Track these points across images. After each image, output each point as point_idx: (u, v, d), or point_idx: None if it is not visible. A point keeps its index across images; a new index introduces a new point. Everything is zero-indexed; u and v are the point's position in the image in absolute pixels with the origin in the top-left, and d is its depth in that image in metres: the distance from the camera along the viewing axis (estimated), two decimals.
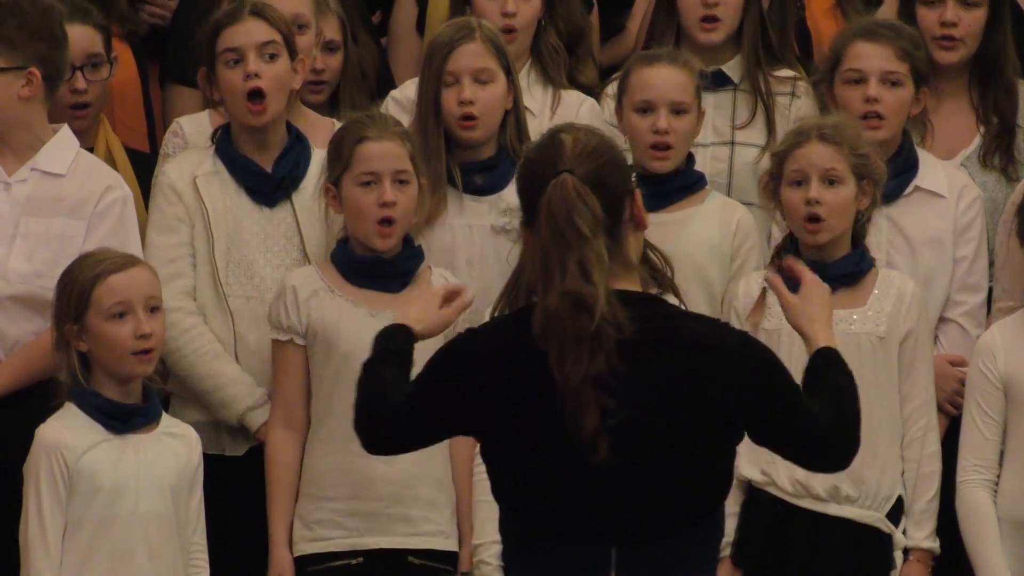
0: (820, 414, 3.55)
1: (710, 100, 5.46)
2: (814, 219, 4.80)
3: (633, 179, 3.55)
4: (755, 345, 3.60)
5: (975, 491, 4.90)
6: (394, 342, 3.70)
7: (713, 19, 5.46)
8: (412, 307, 3.84)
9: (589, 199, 3.38)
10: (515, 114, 5.14)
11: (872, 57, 5.22)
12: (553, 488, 3.47)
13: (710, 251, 5.16)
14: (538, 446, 3.50)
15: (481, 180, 5.17)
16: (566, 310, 3.40)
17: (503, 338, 3.64)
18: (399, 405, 3.60)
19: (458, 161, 5.11)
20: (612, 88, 5.42)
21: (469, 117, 5.04)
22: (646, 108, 5.15)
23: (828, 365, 3.70)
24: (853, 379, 3.66)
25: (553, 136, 3.54)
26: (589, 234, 3.36)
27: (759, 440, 3.58)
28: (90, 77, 5.30)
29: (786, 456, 3.64)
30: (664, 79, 5.21)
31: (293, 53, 5.12)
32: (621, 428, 3.41)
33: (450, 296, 3.83)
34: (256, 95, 4.98)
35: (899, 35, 5.29)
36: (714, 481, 3.49)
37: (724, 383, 3.47)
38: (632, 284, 3.46)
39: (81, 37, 5.26)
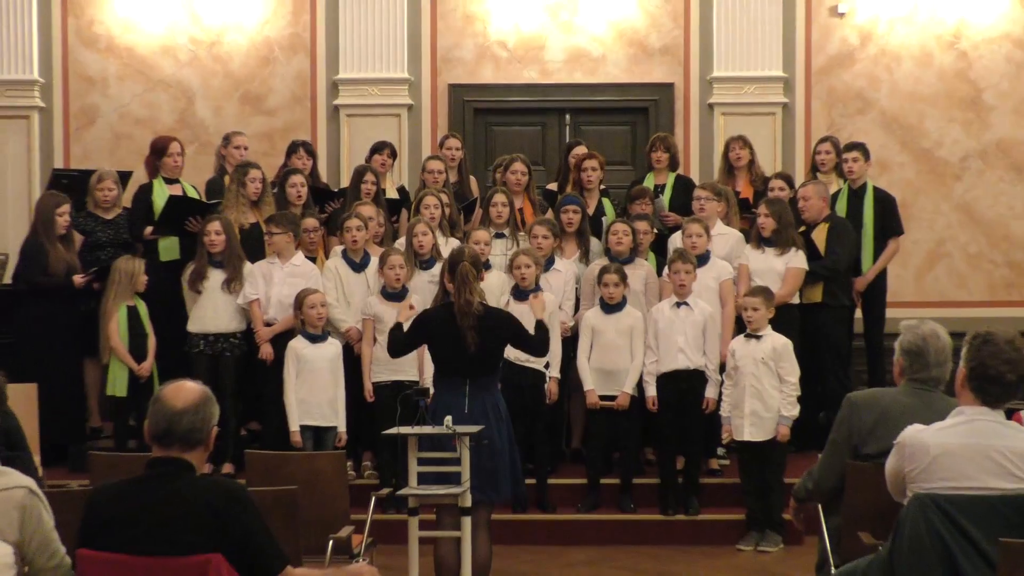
0: (534, 339, 7.68)
1: (499, 244, 10.72)
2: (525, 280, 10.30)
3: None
4: (510, 316, 7.59)
5: (583, 358, 9.99)
6: (396, 326, 7.87)
7: (502, 224, 10.49)
8: (400, 313, 8.06)
9: (472, 272, 7.47)
10: (436, 247, 10.17)
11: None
12: (449, 358, 7.39)
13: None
14: (445, 344, 7.45)
15: (425, 265, 10.17)
16: (466, 304, 7.41)
17: (434, 314, 7.57)
18: (401, 340, 7.76)
19: (418, 259, 10.15)
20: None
21: (422, 246, 10.16)
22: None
23: (540, 326, 7.68)
24: (547, 330, 7.75)
25: (463, 246, 7.82)
26: (473, 281, 7.46)
27: (513, 346, 7.78)
28: (312, 236, 10.78)
29: (523, 351, 7.98)
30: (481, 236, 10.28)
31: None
32: (478, 341, 7.39)
33: (405, 307, 8.00)
34: (354, 241, 10.28)
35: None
36: (501, 354, 7.60)
37: (507, 326, 7.55)
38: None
39: (309, 224, 10.78)
